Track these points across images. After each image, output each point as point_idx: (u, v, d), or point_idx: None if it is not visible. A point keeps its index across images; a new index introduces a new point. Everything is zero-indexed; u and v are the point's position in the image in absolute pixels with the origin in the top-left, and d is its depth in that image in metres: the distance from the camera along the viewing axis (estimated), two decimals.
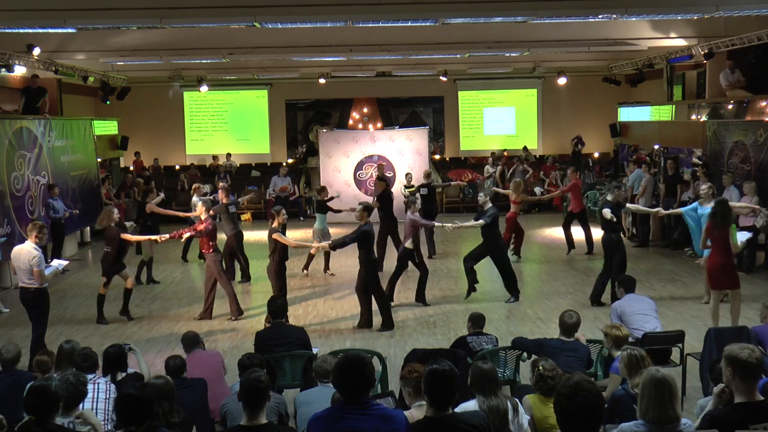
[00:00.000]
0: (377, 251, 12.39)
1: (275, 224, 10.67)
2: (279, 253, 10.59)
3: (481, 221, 11.58)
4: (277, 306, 8.18)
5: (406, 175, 16.84)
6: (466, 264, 11.85)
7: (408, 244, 11.64)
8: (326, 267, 14.28)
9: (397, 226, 14.43)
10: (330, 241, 11.01)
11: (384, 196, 14.61)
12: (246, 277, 13.72)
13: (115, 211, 11.32)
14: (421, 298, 11.89)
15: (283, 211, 10.90)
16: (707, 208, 10.68)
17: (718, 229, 9.70)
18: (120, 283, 11.54)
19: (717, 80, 16.99)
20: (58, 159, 16.42)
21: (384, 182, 15.17)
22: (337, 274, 14.08)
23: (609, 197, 11.58)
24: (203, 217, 11.25)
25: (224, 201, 13.12)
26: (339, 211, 14.63)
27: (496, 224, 11.76)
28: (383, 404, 4.44)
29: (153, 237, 11.85)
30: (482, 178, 22.64)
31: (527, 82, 25.56)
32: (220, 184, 14.44)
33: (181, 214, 14.81)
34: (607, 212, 11.07)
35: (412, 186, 16.03)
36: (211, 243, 11.18)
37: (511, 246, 14.86)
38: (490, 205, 11.78)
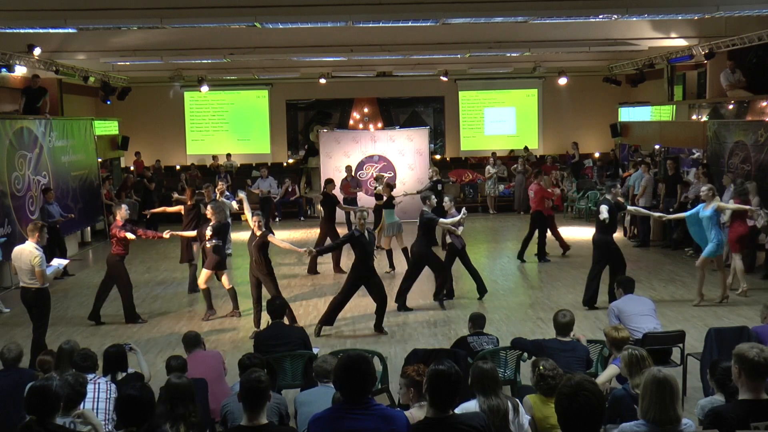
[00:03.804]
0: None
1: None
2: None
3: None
4: (276, 306, 8.18)
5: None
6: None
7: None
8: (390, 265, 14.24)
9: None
10: (314, 248, 10.59)
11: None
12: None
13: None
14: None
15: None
16: (708, 211, 10.75)
17: None
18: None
19: (718, 80, 16.97)
20: (59, 159, 16.41)
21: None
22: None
23: (608, 196, 11.52)
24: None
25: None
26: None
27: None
28: (383, 404, 4.44)
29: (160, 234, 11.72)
30: (483, 179, 22.63)
31: (528, 82, 25.53)
32: (219, 183, 14.75)
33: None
34: (604, 209, 10.95)
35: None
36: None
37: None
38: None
